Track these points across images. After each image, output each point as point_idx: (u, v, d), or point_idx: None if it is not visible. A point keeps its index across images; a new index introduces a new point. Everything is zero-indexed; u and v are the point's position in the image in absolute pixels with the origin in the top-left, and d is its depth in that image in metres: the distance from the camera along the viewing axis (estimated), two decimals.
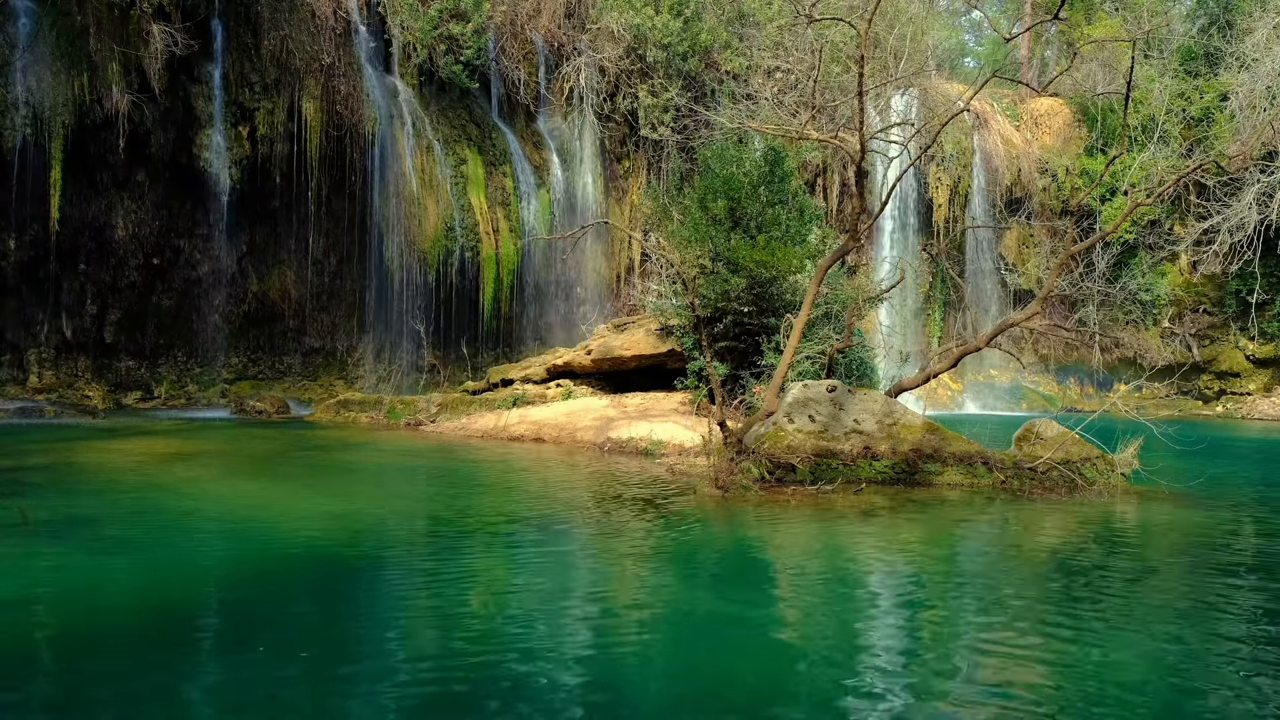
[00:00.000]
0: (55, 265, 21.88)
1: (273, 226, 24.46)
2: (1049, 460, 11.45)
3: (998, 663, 5.17)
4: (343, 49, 23.94)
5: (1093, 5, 35.02)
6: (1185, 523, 9.65)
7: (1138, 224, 28.63)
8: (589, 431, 16.40)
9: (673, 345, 18.69)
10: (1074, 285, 25.33)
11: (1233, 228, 25.96)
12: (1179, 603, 6.54)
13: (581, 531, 8.86)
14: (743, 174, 18.02)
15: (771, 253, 16.81)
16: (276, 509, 9.81)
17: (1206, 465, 13.61)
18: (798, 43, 27.24)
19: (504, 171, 26.18)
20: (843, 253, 12.91)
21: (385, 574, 7.23)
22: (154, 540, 7.99)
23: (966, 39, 48.47)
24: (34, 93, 20.28)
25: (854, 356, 16.58)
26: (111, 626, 5.66)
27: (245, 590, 6.62)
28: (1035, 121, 31.73)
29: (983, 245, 31.22)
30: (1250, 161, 26.29)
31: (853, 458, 11.57)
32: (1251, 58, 26.53)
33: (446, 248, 24.86)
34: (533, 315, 26.59)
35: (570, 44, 27.39)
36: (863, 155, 11.89)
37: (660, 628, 5.82)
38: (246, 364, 24.97)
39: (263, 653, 5.19)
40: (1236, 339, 29.31)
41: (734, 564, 7.77)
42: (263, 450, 14.86)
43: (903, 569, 7.66)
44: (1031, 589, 6.94)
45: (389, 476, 13.05)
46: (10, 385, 21.75)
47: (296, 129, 23.24)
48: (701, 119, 25.53)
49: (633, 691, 4.75)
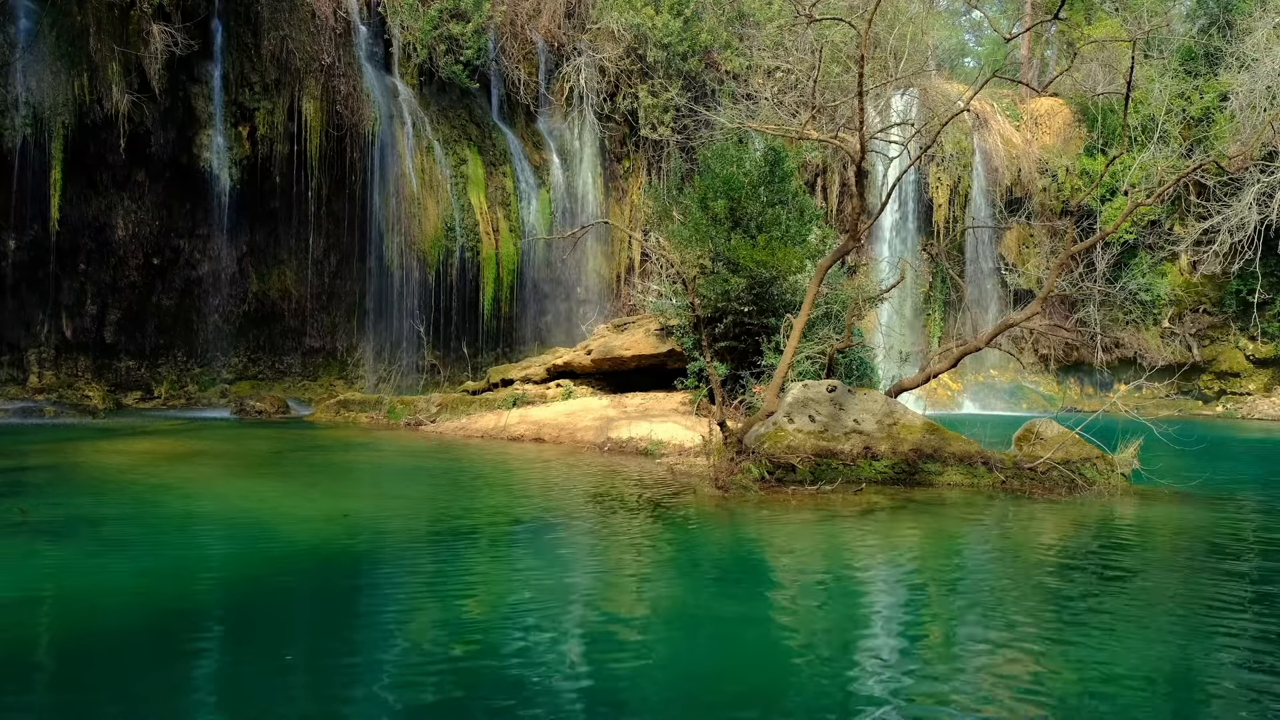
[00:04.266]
0: (55, 265, 21.87)
1: (273, 226, 24.46)
2: (1049, 460, 11.45)
3: (998, 663, 5.16)
4: (343, 49, 23.94)
5: (1093, 5, 35.02)
6: (1185, 523, 9.65)
7: (1138, 224, 28.63)
8: (589, 431, 16.40)
9: (673, 345, 18.69)
10: (1074, 285, 25.34)
11: (1233, 228, 25.95)
12: (1179, 602, 6.54)
13: (581, 531, 8.86)
14: (743, 174, 18.02)
15: (771, 253, 16.81)
16: (276, 509, 9.81)
17: (1206, 465, 13.60)
18: (798, 43, 27.24)
19: (504, 171, 26.18)
20: (843, 253, 12.92)
21: (385, 574, 7.23)
22: (154, 540, 7.99)
23: (966, 39, 48.50)
24: (34, 93, 20.28)
25: (854, 356, 16.58)
26: (111, 626, 5.65)
27: (245, 590, 6.61)
28: (1035, 121, 31.72)
29: (983, 245, 31.22)
30: (1250, 161, 26.27)
31: (853, 458, 11.57)
32: (1251, 58, 26.52)
33: (446, 248, 24.86)
34: (533, 315, 26.60)
35: (570, 44, 27.39)
36: (863, 155, 11.90)
37: (660, 628, 5.82)
38: (246, 364, 24.97)
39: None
40: (1236, 339, 29.31)
41: (734, 564, 7.77)
42: (263, 450, 14.86)
43: (903, 569, 7.66)
44: (1031, 589, 6.94)
45: (389, 476, 13.05)
46: (10, 385, 21.74)
47: (296, 129, 23.24)
48: (701, 119, 25.53)
49: (633, 691, 4.75)
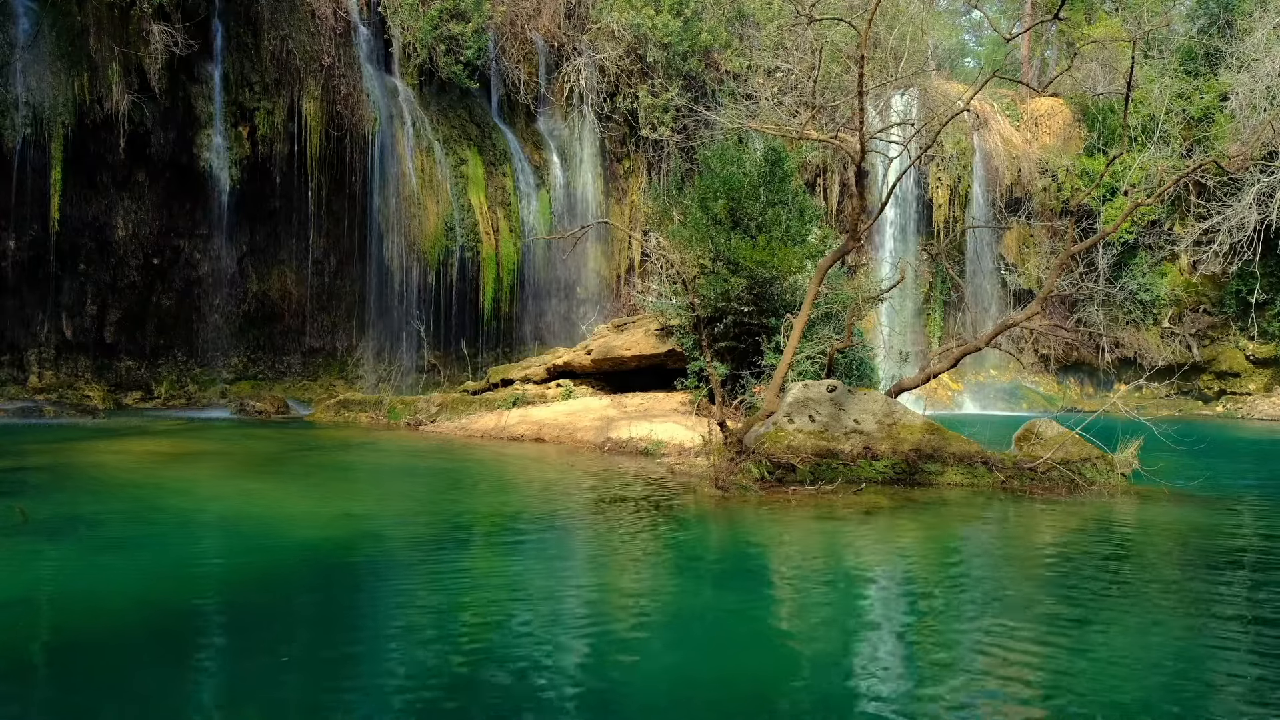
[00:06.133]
0: (55, 265, 21.87)
1: (273, 226, 24.46)
2: (1049, 460, 11.45)
3: (998, 663, 5.16)
4: (343, 49, 23.94)
5: (1093, 5, 35.04)
6: (1185, 523, 9.65)
7: (1138, 224, 28.63)
8: (589, 431, 16.40)
9: (673, 345, 18.69)
10: (1074, 285, 25.36)
11: (1233, 228, 25.94)
12: (1179, 603, 6.54)
13: (582, 531, 8.86)
14: (743, 174, 18.01)
15: (771, 253, 16.81)
16: (276, 509, 9.81)
17: (1206, 465, 13.61)
18: (798, 43, 27.24)
19: (504, 171, 26.18)
20: (843, 253, 12.92)
21: (385, 574, 7.23)
22: (154, 540, 7.99)
23: (966, 39, 48.49)
24: (34, 93, 20.28)
25: (854, 356, 16.58)
26: (111, 626, 5.65)
27: (245, 590, 6.61)
28: (1035, 121, 31.72)
29: (983, 245, 31.22)
30: (1250, 161, 26.28)
31: (853, 458, 11.57)
32: (1251, 58, 26.52)
33: (446, 248, 24.86)
34: (533, 315, 26.59)
35: (570, 44, 27.39)
36: (863, 155, 11.90)
37: (660, 628, 5.82)
38: (246, 364, 24.97)
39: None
40: (1236, 339, 29.31)
41: (734, 564, 7.77)
42: (263, 450, 14.86)
43: (903, 569, 7.66)
44: (1031, 589, 6.94)
45: (389, 476, 13.05)
46: (10, 385, 21.74)
47: (296, 129, 23.24)
48: (701, 119, 25.53)
49: (633, 691, 4.75)
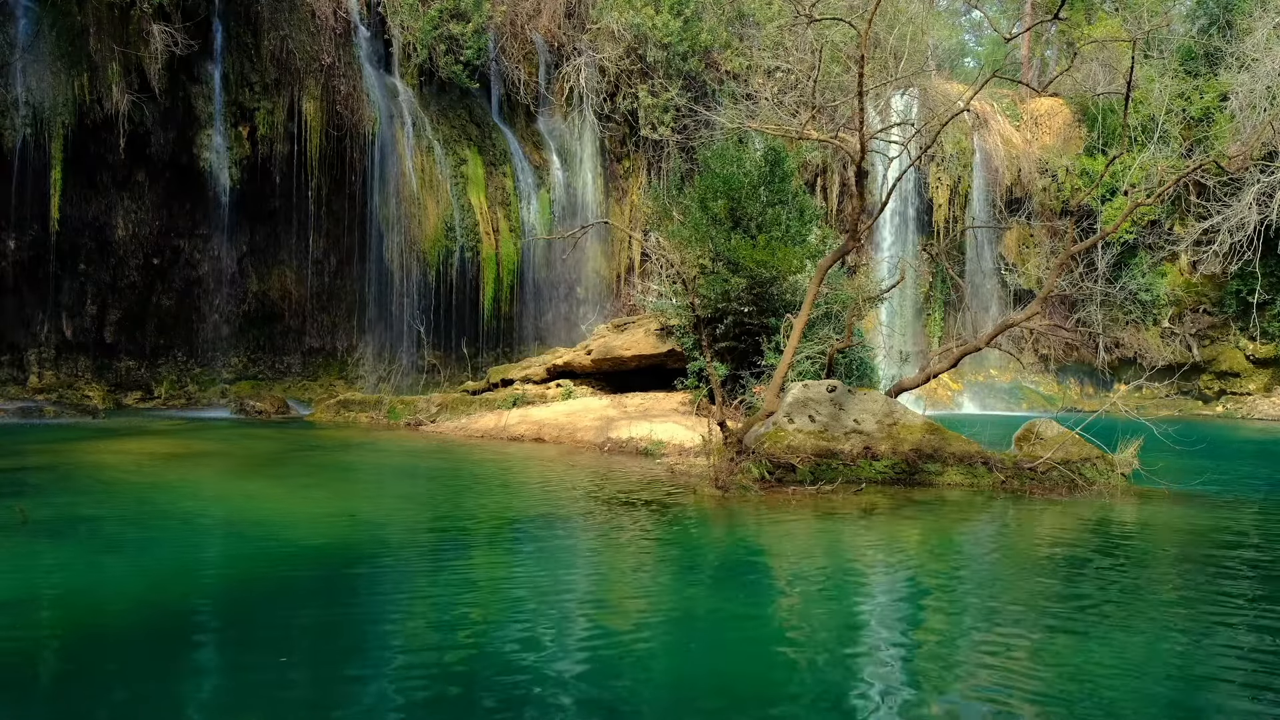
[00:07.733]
0: (55, 265, 21.88)
1: (273, 226, 24.46)
2: (1049, 460, 11.45)
3: (998, 663, 5.16)
4: (343, 49, 23.94)
5: (1093, 5, 35.04)
6: (1185, 523, 9.65)
7: (1138, 224, 28.63)
8: (589, 431, 16.40)
9: (673, 345, 18.69)
10: (1074, 285, 25.37)
11: (1233, 228, 25.95)
12: (1179, 602, 6.54)
13: (582, 531, 8.86)
14: (743, 174, 18.02)
15: (771, 253, 16.81)
16: (276, 509, 9.81)
17: (1206, 465, 13.61)
18: (798, 43, 27.24)
19: (504, 171, 26.18)
20: (843, 253, 12.92)
21: (385, 574, 7.23)
22: (154, 540, 7.99)
23: (966, 39, 48.48)
24: (34, 93, 20.28)
25: (854, 356, 16.58)
26: (112, 626, 5.65)
27: (245, 590, 6.61)
28: (1035, 121, 31.72)
29: (983, 245, 31.23)
30: (1250, 161, 26.28)
31: (853, 458, 11.57)
32: (1251, 58, 26.52)
33: (446, 248, 24.86)
34: (533, 315, 26.59)
35: (570, 44, 27.39)
36: (863, 155, 11.90)
37: (660, 628, 5.82)
38: (246, 364, 24.97)
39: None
40: (1236, 339, 29.31)
41: (734, 564, 7.77)
42: (263, 450, 14.86)
43: (903, 569, 7.66)
44: (1031, 589, 6.94)
45: (389, 476, 13.05)
46: (10, 385, 21.74)
47: (296, 129, 23.24)
48: (701, 119, 25.53)
49: (633, 692, 4.75)
